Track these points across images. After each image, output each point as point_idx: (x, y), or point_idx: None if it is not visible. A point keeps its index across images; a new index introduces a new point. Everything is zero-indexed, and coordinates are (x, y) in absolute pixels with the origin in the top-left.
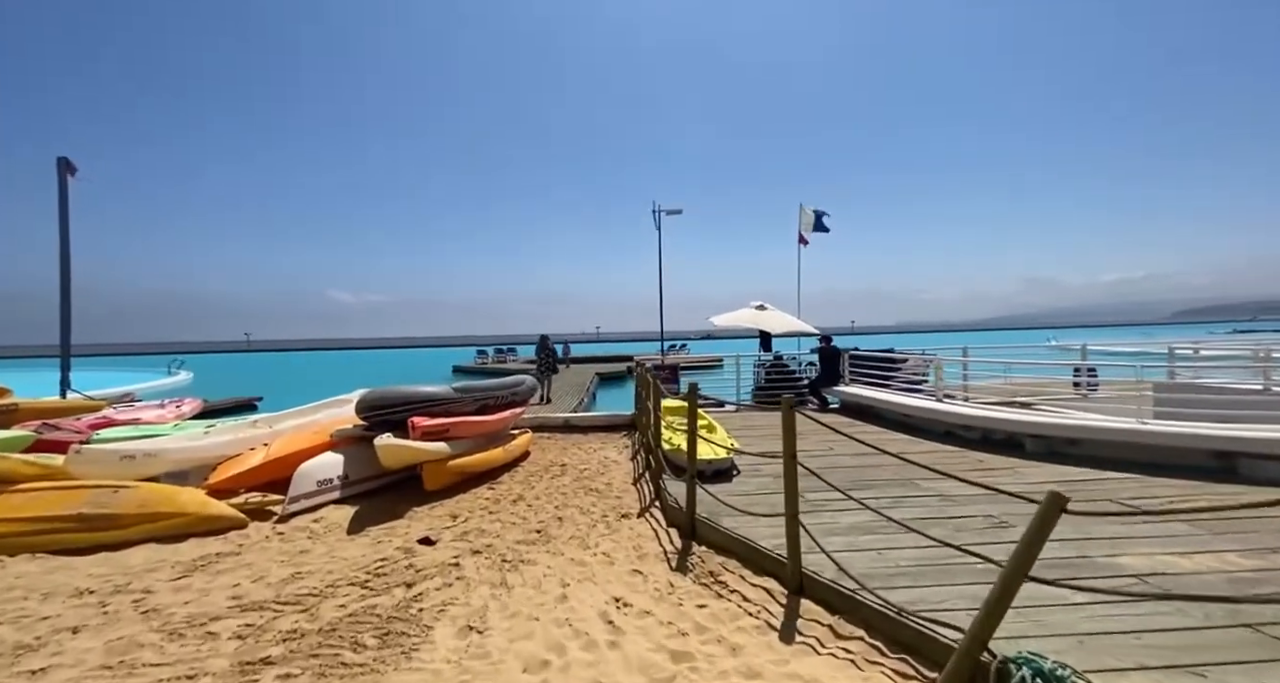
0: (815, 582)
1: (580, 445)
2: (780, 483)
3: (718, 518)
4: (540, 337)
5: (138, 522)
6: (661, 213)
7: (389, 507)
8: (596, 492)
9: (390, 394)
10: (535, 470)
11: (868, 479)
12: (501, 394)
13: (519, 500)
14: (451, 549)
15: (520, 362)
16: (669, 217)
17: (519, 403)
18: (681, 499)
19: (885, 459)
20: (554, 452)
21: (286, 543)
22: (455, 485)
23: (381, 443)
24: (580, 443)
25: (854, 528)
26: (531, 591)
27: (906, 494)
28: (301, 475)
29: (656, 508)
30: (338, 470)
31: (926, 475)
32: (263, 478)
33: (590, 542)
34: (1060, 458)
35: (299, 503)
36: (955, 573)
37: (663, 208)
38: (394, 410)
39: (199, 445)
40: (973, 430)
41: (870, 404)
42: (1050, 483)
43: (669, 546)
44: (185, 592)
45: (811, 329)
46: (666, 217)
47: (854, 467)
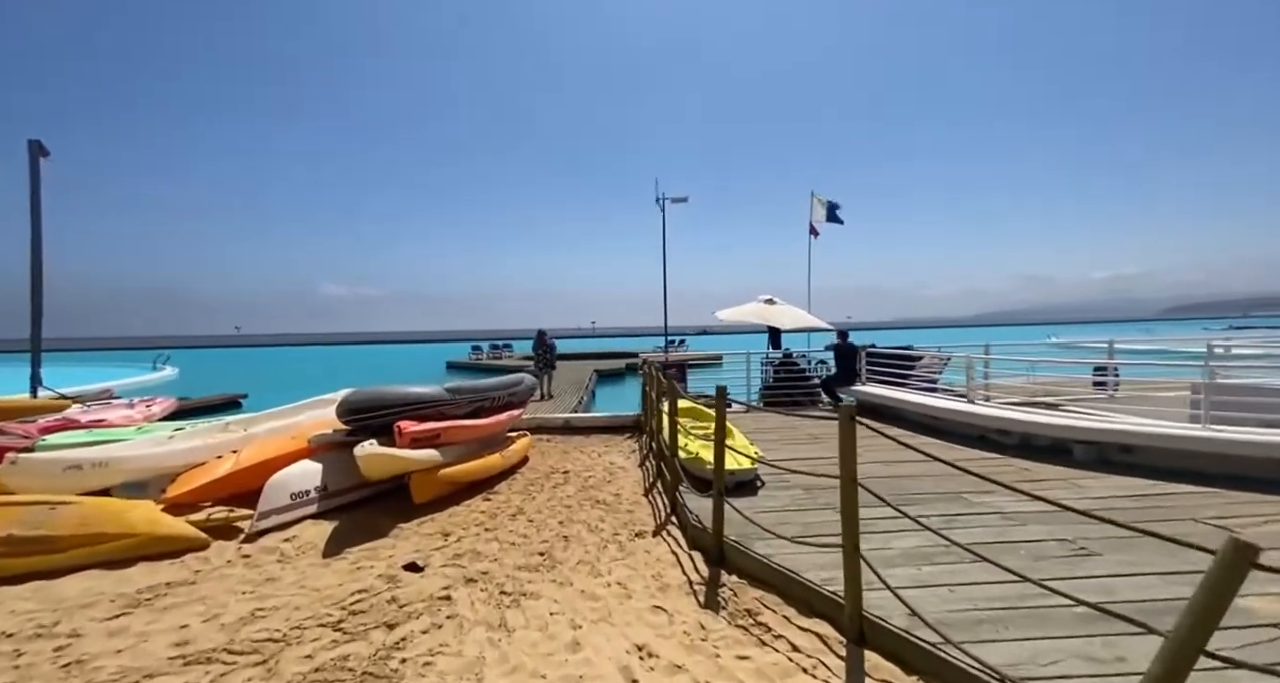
0: (881, 629)
1: (583, 449)
2: (815, 498)
3: (749, 542)
4: (538, 332)
5: (77, 544)
6: (666, 200)
7: (372, 522)
8: (604, 504)
9: (375, 395)
10: (535, 478)
11: (909, 492)
12: (498, 395)
13: (519, 514)
14: (442, 577)
15: (516, 357)
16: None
17: (517, 404)
18: (704, 518)
19: (921, 468)
20: (555, 456)
21: (251, 568)
22: (447, 497)
23: (363, 452)
24: (582, 446)
25: (912, 555)
26: (536, 634)
27: (960, 511)
28: (273, 487)
29: (674, 525)
30: (315, 481)
31: (972, 487)
32: (230, 489)
33: (602, 568)
34: (1114, 466)
35: (269, 519)
36: (1053, 621)
37: (667, 195)
38: (379, 414)
39: (159, 452)
40: (1010, 435)
41: (891, 405)
42: (1117, 496)
43: (693, 574)
44: (121, 636)
45: (823, 325)
46: (672, 204)
47: (888, 477)
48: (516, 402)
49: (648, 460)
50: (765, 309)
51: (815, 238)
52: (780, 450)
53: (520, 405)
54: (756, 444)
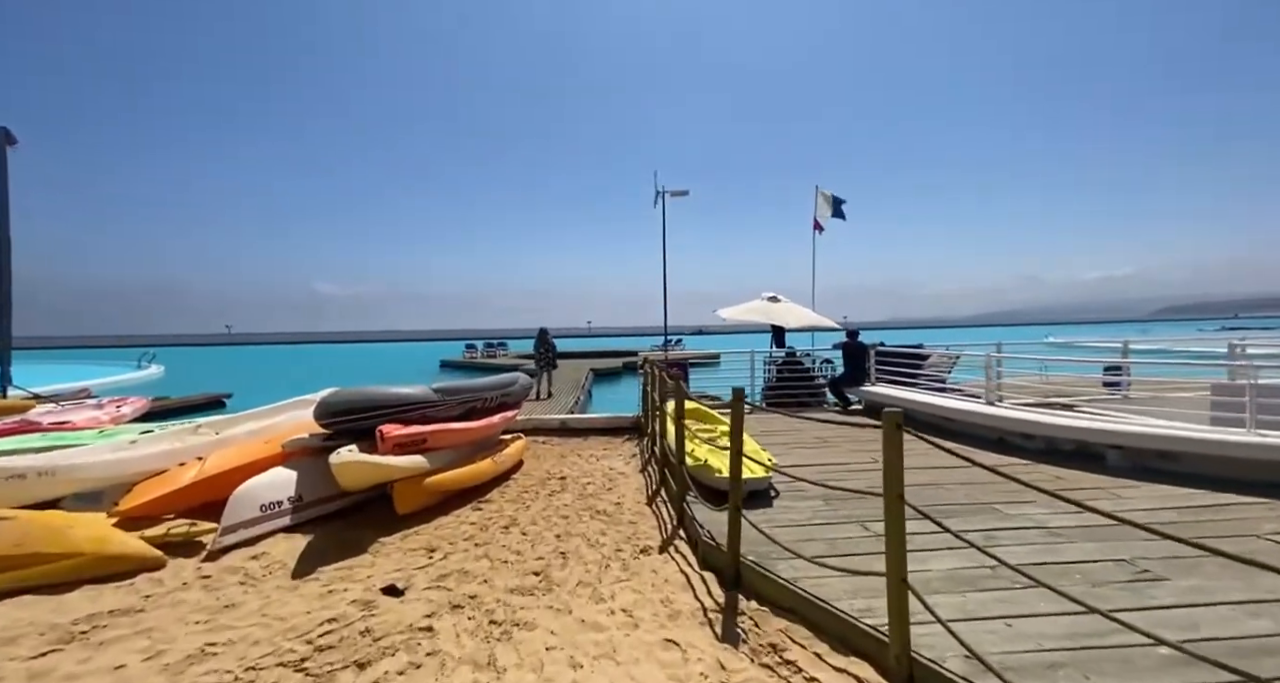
0: (935, 674)
1: (580, 452)
2: (836, 510)
3: (769, 562)
4: (540, 330)
5: (10, 566)
6: (665, 194)
7: (350, 537)
8: (605, 515)
9: (357, 397)
10: (530, 485)
11: (935, 503)
12: (491, 396)
13: (511, 526)
14: (425, 602)
15: (510, 357)
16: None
17: (512, 406)
18: (717, 533)
19: (944, 475)
20: (551, 460)
21: (210, 593)
22: (434, 507)
23: (339, 460)
24: (580, 449)
25: (955, 579)
26: (530, 675)
27: (997, 526)
28: (240, 499)
29: (682, 540)
30: (288, 491)
31: (1004, 497)
32: (194, 500)
33: (604, 590)
34: (1153, 475)
35: (236, 534)
36: (1137, 666)
37: (667, 189)
38: (360, 417)
39: (116, 459)
40: (1033, 439)
41: (902, 407)
42: (1163, 508)
43: (707, 599)
44: (43, 680)
45: (830, 323)
46: (671, 198)
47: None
48: (511, 403)
49: (650, 466)
50: (769, 307)
51: (820, 234)
52: (789, 455)
53: (515, 407)
54: (767, 448)
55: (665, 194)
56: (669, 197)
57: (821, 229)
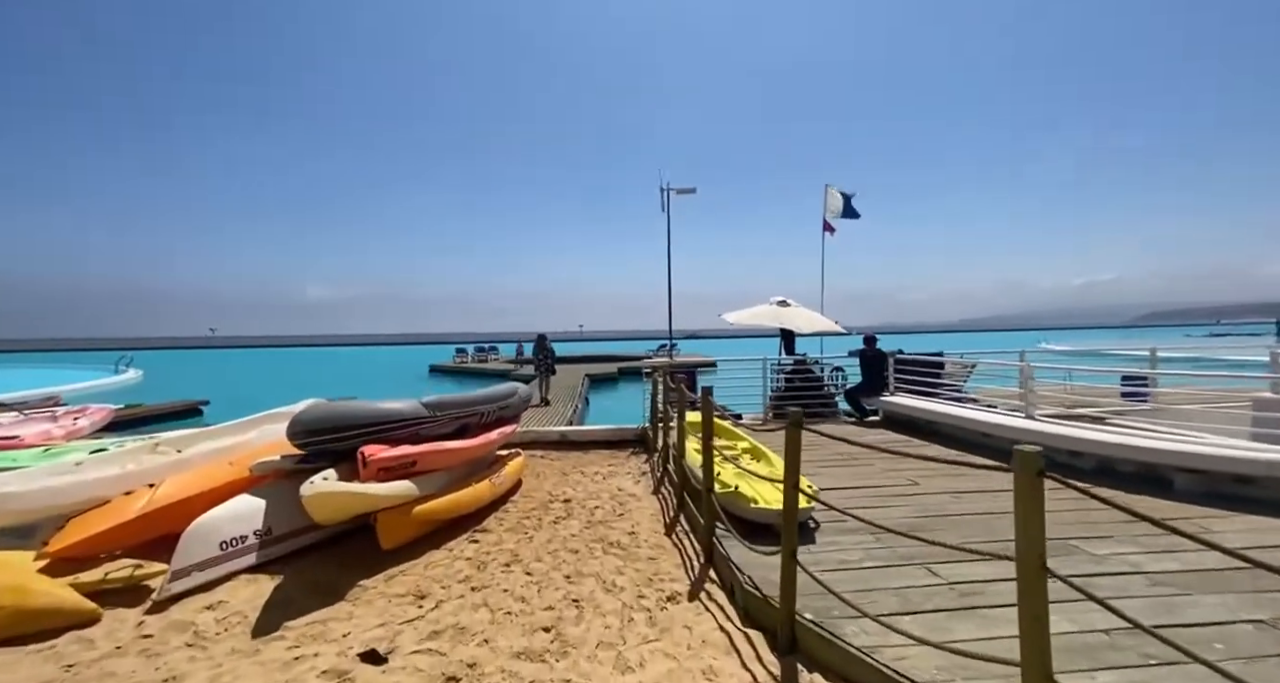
0: None
1: (583, 469)
2: (893, 550)
3: (832, 623)
4: (538, 336)
5: None
6: (670, 192)
7: (326, 578)
8: (619, 548)
9: (336, 413)
10: (531, 509)
11: (1000, 535)
12: (487, 410)
13: (513, 564)
14: (412, 672)
15: (501, 361)
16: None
17: (510, 420)
18: (759, 580)
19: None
20: (552, 478)
21: (148, 660)
22: (424, 538)
23: (311, 491)
24: (582, 465)
25: (1077, 648)
26: None
27: (1092, 572)
28: (195, 535)
29: (714, 583)
30: (254, 523)
31: (1082, 532)
32: (143, 535)
33: (630, 655)
34: (1232, 502)
35: (188, 578)
36: None
37: (672, 186)
38: (340, 436)
39: (53, 486)
40: (1083, 458)
41: (927, 418)
42: (1267, 547)
43: (758, 667)
44: None
45: (841, 329)
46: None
47: (964, 515)
48: (509, 417)
49: (664, 487)
50: (779, 311)
51: (831, 235)
52: (816, 477)
53: (513, 421)
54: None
55: (670, 192)
56: (675, 195)
57: (833, 231)
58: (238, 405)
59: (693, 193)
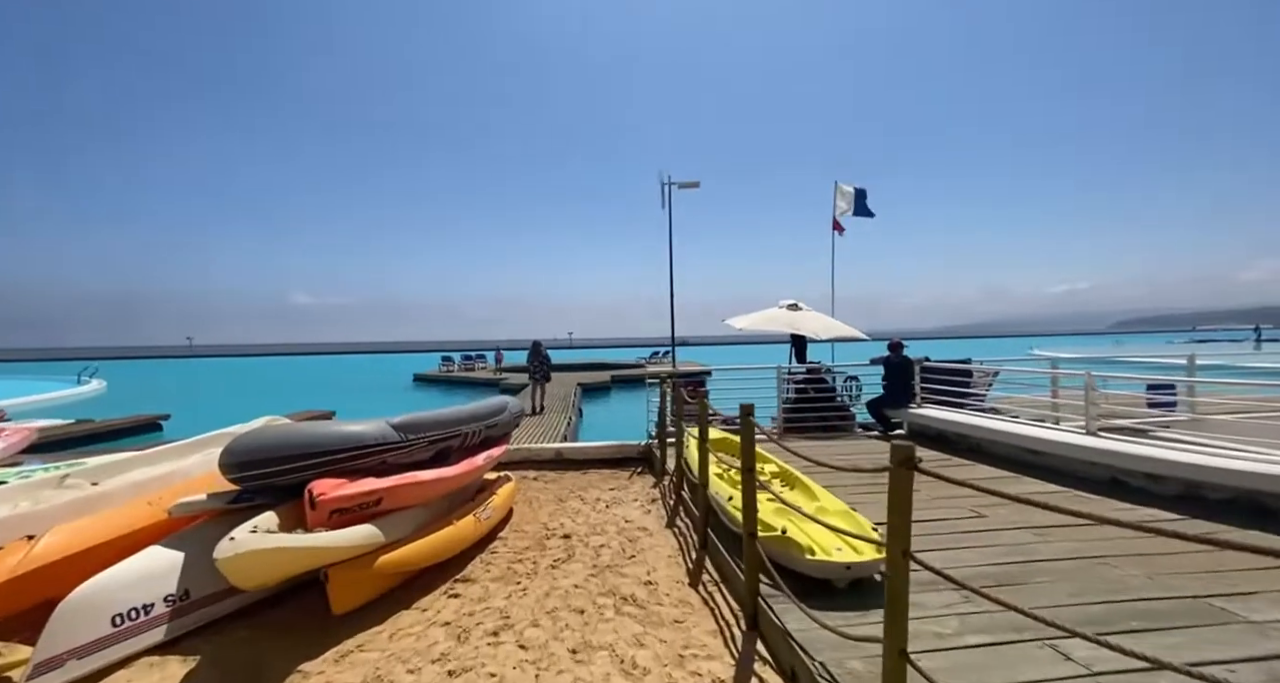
0: None
1: (583, 494)
2: (993, 616)
3: None
4: (533, 343)
5: None
6: (672, 186)
7: (256, 660)
8: (635, 605)
9: (280, 439)
10: (524, 548)
11: (1118, 594)
12: (472, 430)
13: (503, 631)
14: None
15: (490, 370)
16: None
17: (499, 440)
18: (845, 674)
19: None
20: (548, 506)
21: None
22: (390, 593)
23: (229, 554)
24: (581, 488)
25: None
26: None
27: (1263, 654)
28: (75, 608)
29: (766, 662)
30: (165, 586)
31: (1217, 586)
32: (15, 603)
33: None
34: None
35: (61, 670)
36: None
37: (674, 180)
38: (284, 468)
39: None
40: (1164, 482)
41: (962, 432)
42: None
43: None
44: None
45: (861, 335)
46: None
47: (1060, 560)
48: (498, 437)
49: (680, 519)
50: (791, 316)
51: (840, 235)
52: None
53: (503, 441)
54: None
55: (672, 187)
56: (677, 189)
57: (842, 230)
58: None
59: (696, 187)
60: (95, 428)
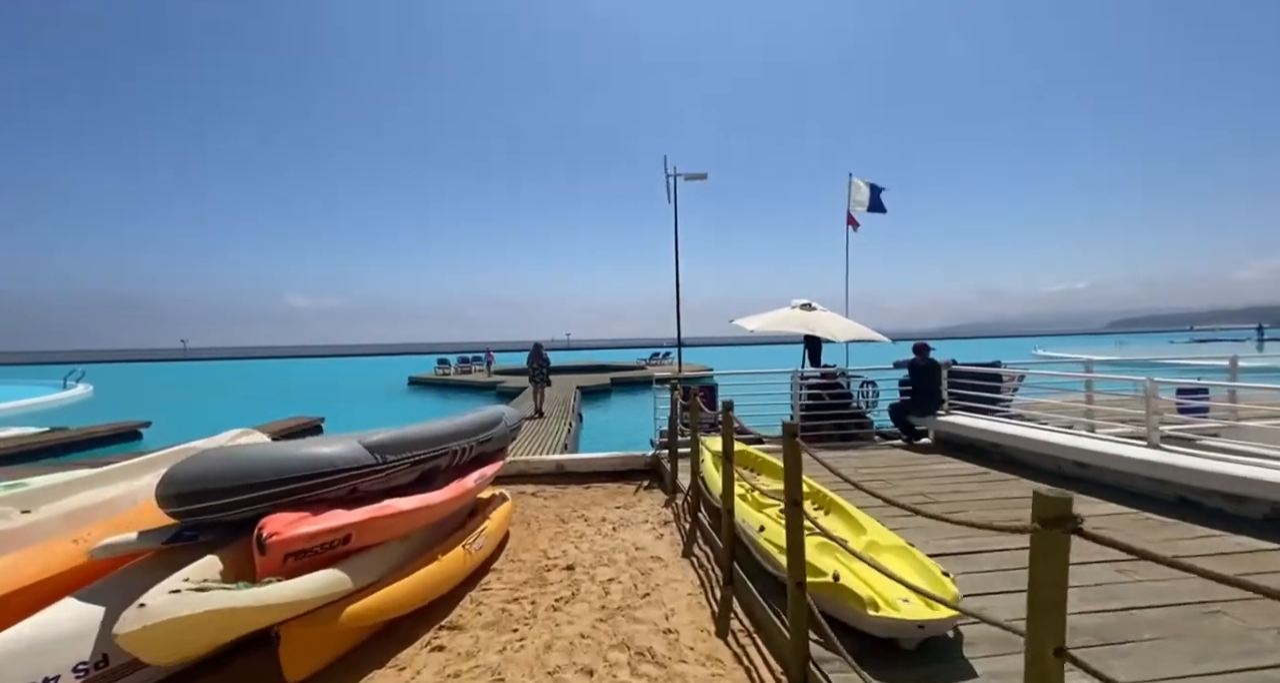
0: None
1: (586, 513)
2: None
3: None
4: (534, 345)
5: None
6: (678, 178)
7: None
8: (654, 662)
9: (229, 466)
10: (521, 583)
11: (1232, 650)
12: (463, 446)
13: None
14: None
15: (488, 373)
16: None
17: (494, 457)
18: None
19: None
20: (548, 528)
21: None
22: (358, 648)
23: (134, 628)
24: (585, 506)
25: None
26: None
27: None
28: None
29: None
30: (77, 653)
31: None
32: None
33: None
34: None
35: None
36: None
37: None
38: (233, 501)
39: None
40: (1247, 503)
41: (996, 442)
42: None
43: None
44: None
45: (881, 337)
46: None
47: (1149, 608)
48: (493, 453)
49: (698, 547)
50: (805, 316)
51: (855, 230)
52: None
53: (498, 457)
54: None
55: (678, 178)
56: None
57: (856, 225)
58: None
59: (703, 179)
60: (70, 437)
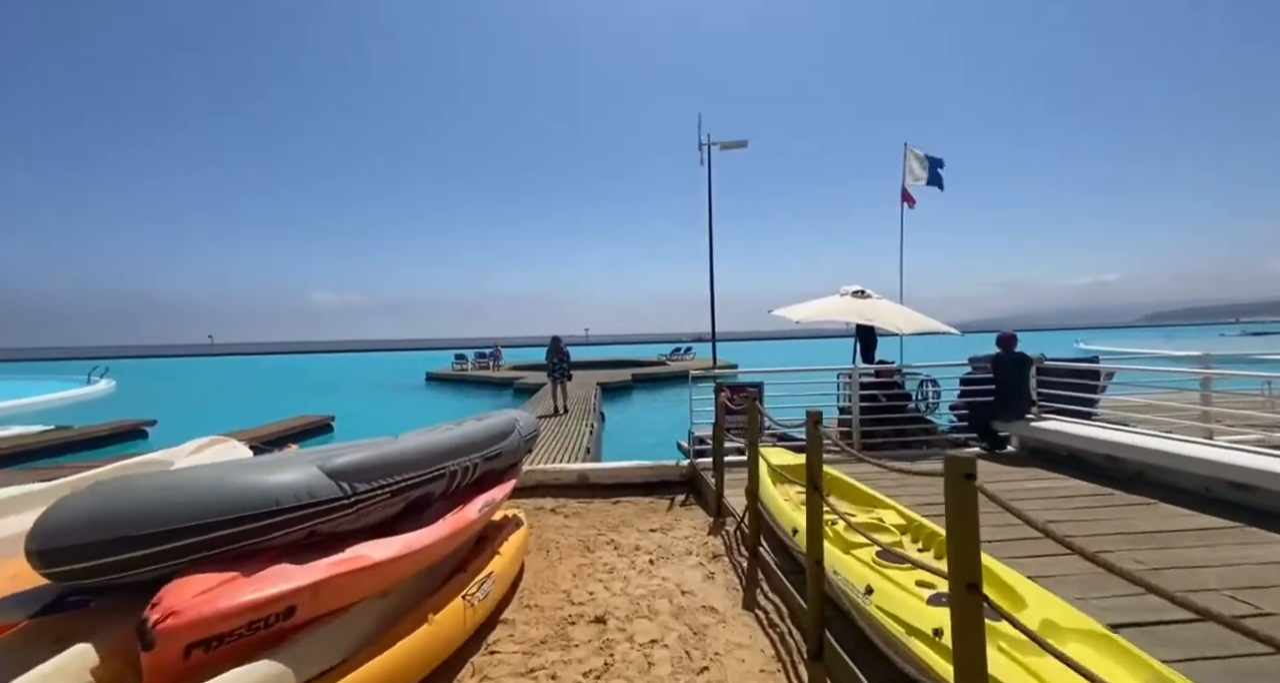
0: None
1: (616, 537)
2: None
3: None
4: (552, 339)
5: None
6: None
7: None
8: None
9: (125, 507)
10: (538, 643)
11: None
12: (464, 466)
13: None
14: None
15: (507, 369)
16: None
17: (505, 475)
18: None
19: None
20: (571, 558)
21: None
22: None
23: None
24: (613, 529)
25: None
26: None
27: None
28: None
29: None
30: None
31: None
32: None
33: None
34: None
35: None
36: None
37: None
38: (131, 557)
39: None
40: None
41: (1116, 455)
42: None
43: None
44: None
45: (950, 329)
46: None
47: None
48: (502, 470)
49: (763, 594)
50: (859, 304)
51: (911, 208)
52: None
53: (510, 476)
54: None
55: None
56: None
57: (913, 202)
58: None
59: (744, 147)
60: (71, 436)
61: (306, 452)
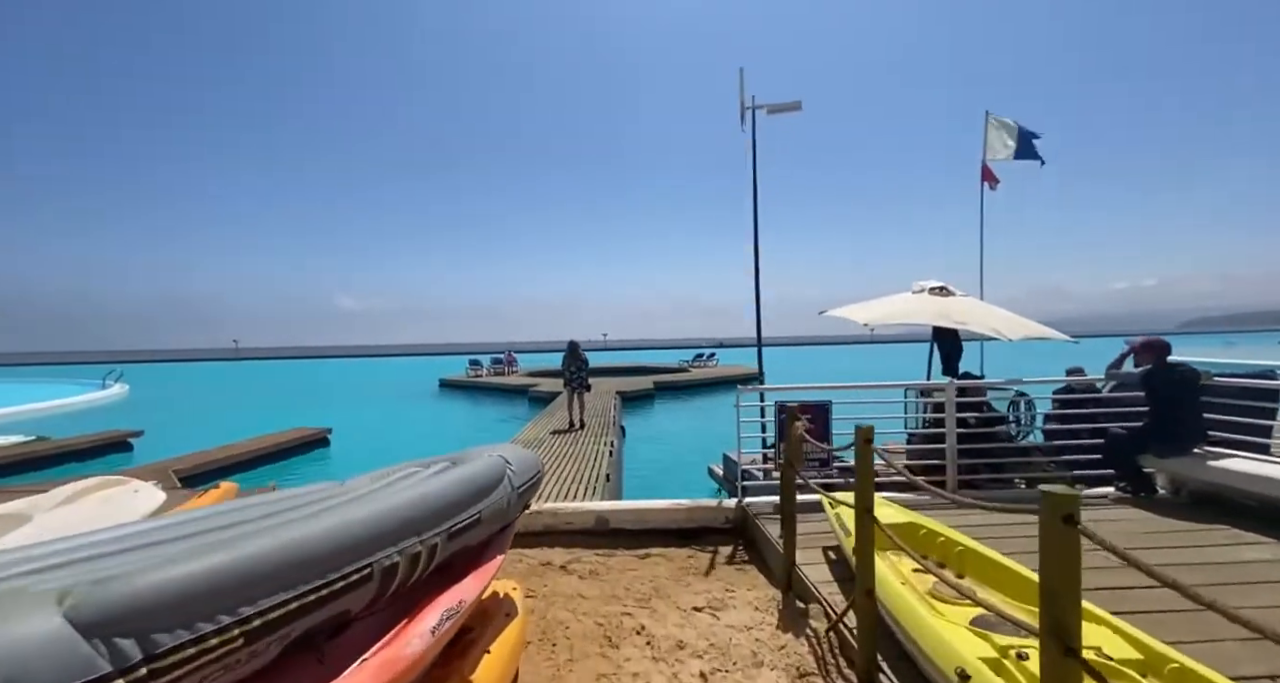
0: None
1: (645, 618)
2: None
3: None
4: (569, 344)
5: None
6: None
7: None
8: None
9: None
10: None
11: None
12: (408, 554)
13: None
14: None
15: (522, 374)
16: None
17: (488, 551)
18: None
19: None
20: (587, 654)
21: None
22: None
23: None
24: (644, 599)
25: None
26: None
27: None
28: None
29: None
30: None
31: None
32: None
33: None
34: None
35: None
36: None
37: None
38: None
39: None
40: None
41: None
42: None
43: None
44: None
45: (1061, 335)
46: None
47: None
48: (479, 545)
49: None
50: (940, 303)
51: (994, 189)
52: None
53: (492, 552)
54: None
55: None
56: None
57: (995, 182)
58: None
59: (797, 109)
60: (51, 449)
61: (139, 531)
